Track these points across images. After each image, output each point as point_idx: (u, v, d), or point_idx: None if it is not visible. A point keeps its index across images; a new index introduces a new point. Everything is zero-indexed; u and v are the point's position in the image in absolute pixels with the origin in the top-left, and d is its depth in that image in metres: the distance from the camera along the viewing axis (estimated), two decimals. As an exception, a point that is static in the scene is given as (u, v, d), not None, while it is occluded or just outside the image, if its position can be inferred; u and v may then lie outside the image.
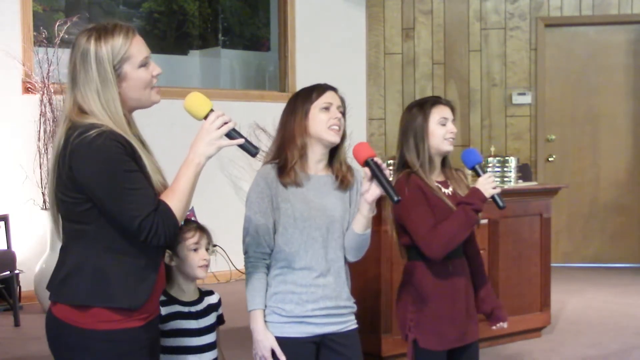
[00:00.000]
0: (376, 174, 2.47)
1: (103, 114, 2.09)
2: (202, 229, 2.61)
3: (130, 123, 2.17)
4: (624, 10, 7.97)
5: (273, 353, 2.54)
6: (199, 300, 2.64)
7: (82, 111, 2.10)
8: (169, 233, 2.06)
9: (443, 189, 2.92)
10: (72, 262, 2.13)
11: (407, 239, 2.91)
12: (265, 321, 2.56)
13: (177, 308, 2.57)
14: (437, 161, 2.96)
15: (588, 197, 8.11)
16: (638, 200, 8.06)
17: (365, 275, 4.24)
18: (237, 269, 7.06)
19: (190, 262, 2.57)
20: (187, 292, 2.62)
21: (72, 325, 2.11)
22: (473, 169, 2.93)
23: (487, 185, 2.82)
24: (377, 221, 2.68)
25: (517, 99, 8.11)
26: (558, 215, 7.44)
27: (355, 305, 2.69)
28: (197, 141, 2.10)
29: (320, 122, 2.59)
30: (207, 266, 2.60)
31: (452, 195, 2.92)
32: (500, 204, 2.86)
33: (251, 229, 2.56)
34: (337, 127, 2.61)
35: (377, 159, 2.50)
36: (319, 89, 2.65)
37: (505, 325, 3.06)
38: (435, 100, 2.97)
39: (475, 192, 2.82)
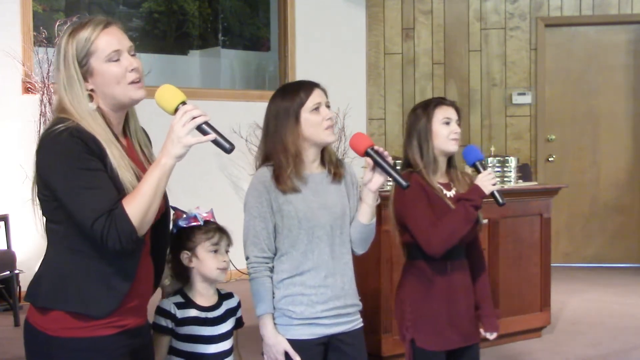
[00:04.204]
0: (379, 162, 2.47)
1: (72, 110, 2.01)
2: (222, 231, 2.55)
3: (109, 121, 2.06)
4: (624, 10, 7.97)
5: (286, 355, 2.52)
6: (218, 305, 2.56)
7: (61, 108, 2.05)
8: (124, 237, 1.91)
9: (445, 191, 2.91)
10: (43, 262, 2.07)
11: (407, 237, 2.91)
12: (275, 324, 2.54)
13: (194, 313, 2.50)
14: (442, 162, 2.95)
15: (588, 197, 8.11)
16: (638, 200, 8.06)
17: (365, 275, 4.23)
18: (237, 269, 7.05)
19: (209, 264, 2.50)
20: (205, 295, 2.54)
21: (40, 330, 2.02)
22: (473, 165, 2.93)
23: (487, 182, 2.82)
24: (377, 221, 2.68)
25: (517, 99, 8.11)
26: (558, 215, 7.44)
27: (360, 303, 2.69)
28: (165, 140, 1.95)
29: (314, 125, 2.55)
30: (225, 269, 2.54)
31: (455, 197, 2.90)
32: (500, 200, 2.85)
33: (251, 235, 2.53)
34: (332, 127, 2.59)
35: (377, 147, 2.49)
36: (304, 89, 2.57)
37: (490, 336, 3.02)
38: (438, 101, 2.96)
39: (475, 189, 2.82)
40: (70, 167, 1.93)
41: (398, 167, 4.57)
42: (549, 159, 8.12)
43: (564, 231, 8.05)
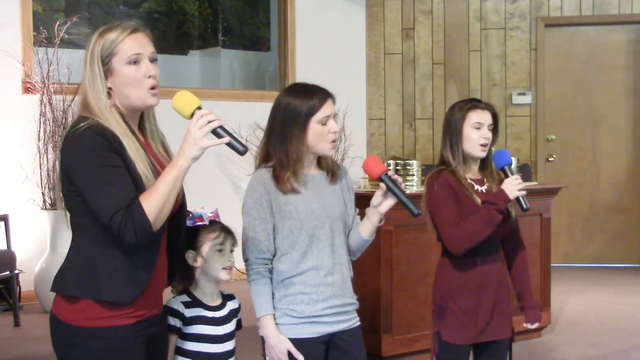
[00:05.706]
0: (392, 189, 2.51)
1: (93, 104, 2.14)
2: (227, 230, 2.56)
3: (127, 119, 2.18)
4: (624, 10, 7.98)
5: (289, 355, 2.52)
6: (222, 305, 2.58)
7: (85, 105, 2.17)
8: (140, 232, 2.04)
9: (477, 187, 2.98)
10: (70, 254, 2.19)
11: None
12: (277, 324, 2.55)
13: (201, 312, 2.51)
14: (473, 162, 3.03)
15: (588, 197, 8.11)
16: (638, 200, 8.06)
17: (365, 275, 4.23)
18: (237, 269, 7.05)
19: (214, 263, 2.52)
20: (209, 295, 2.56)
21: (63, 321, 2.14)
22: (502, 169, 3.00)
23: (513, 187, 2.90)
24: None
25: (517, 99, 8.11)
26: (558, 215, 7.44)
27: (357, 302, 2.71)
28: (182, 142, 2.09)
29: (319, 135, 2.55)
30: (230, 269, 2.55)
31: (486, 192, 2.98)
32: (524, 205, 2.93)
33: (251, 236, 2.55)
34: (335, 141, 2.62)
35: (391, 173, 2.53)
36: (319, 97, 2.56)
37: (530, 326, 3.10)
38: (474, 104, 3.01)
39: (500, 193, 2.89)
40: (92, 164, 2.06)
41: (399, 167, 4.59)
42: (549, 159, 8.12)
43: (564, 231, 8.06)
